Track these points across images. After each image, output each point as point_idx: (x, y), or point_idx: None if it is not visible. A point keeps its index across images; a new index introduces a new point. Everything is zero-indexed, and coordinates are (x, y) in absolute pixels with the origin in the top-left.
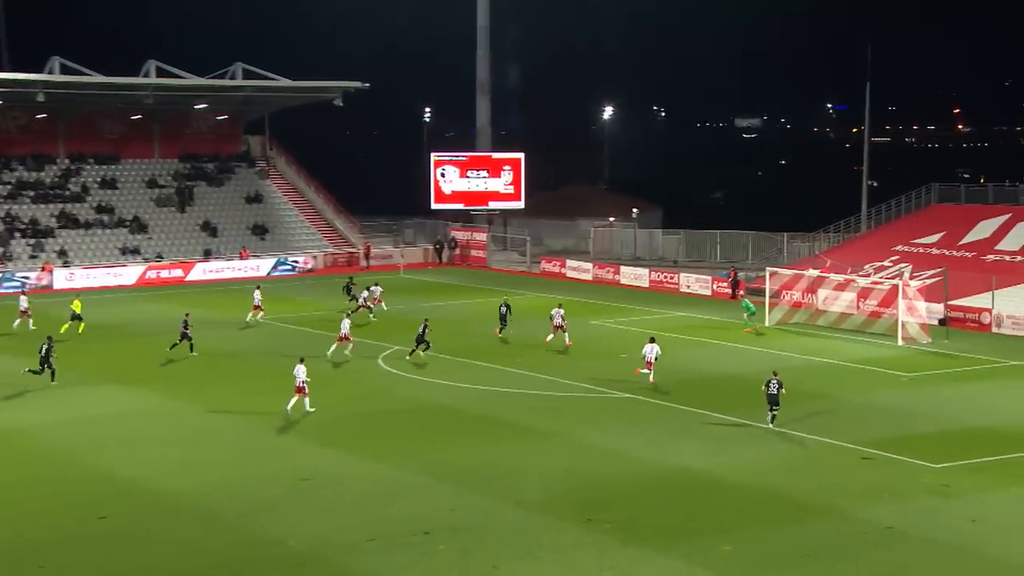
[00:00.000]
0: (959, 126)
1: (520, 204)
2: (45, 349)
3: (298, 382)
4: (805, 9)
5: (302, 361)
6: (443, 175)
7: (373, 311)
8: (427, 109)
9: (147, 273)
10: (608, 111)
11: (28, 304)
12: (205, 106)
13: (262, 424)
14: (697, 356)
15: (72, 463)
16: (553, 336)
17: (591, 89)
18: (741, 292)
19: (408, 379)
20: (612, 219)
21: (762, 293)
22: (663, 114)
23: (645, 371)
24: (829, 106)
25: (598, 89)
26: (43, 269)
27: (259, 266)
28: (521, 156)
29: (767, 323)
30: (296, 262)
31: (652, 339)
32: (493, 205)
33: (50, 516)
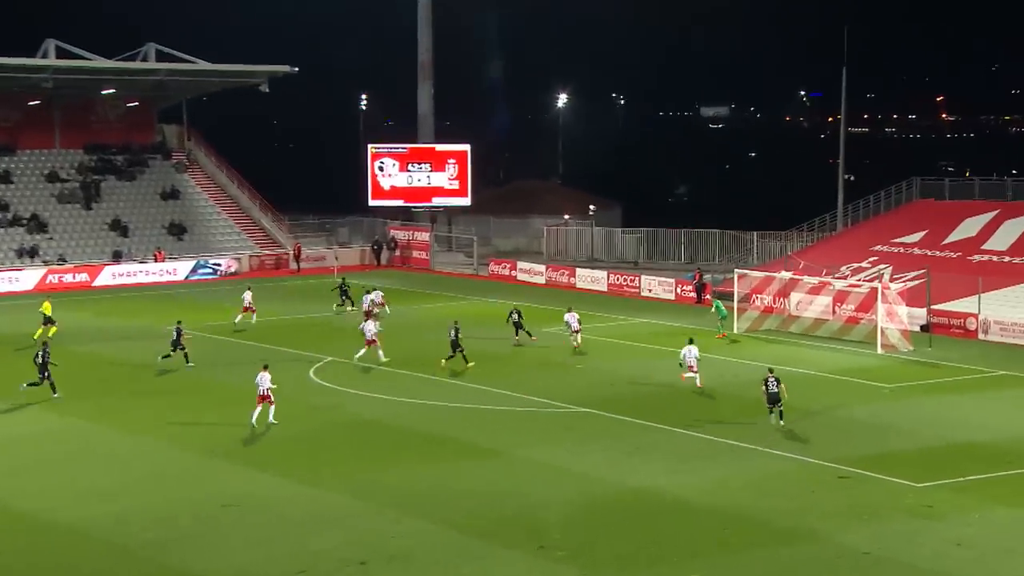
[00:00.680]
0: (943, 115)
1: (466, 200)
2: (41, 356)
3: (261, 390)
4: None
5: (266, 368)
6: (381, 169)
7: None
8: (363, 96)
9: (48, 277)
10: (562, 98)
11: None
12: (113, 91)
13: (184, 444)
14: (659, 366)
15: None
16: (575, 342)
17: (543, 74)
18: (707, 296)
19: (344, 393)
20: (567, 217)
21: (730, 297)
22: (622, 102)
23: (691, 375)
24: (802, 93)
25: (551, 74)
26: None
27: (176, 269)
28: (467, 148)
29: (735, 330)
30: (218, 265)
31: (691, 340)
32: (437, 201)
33: None
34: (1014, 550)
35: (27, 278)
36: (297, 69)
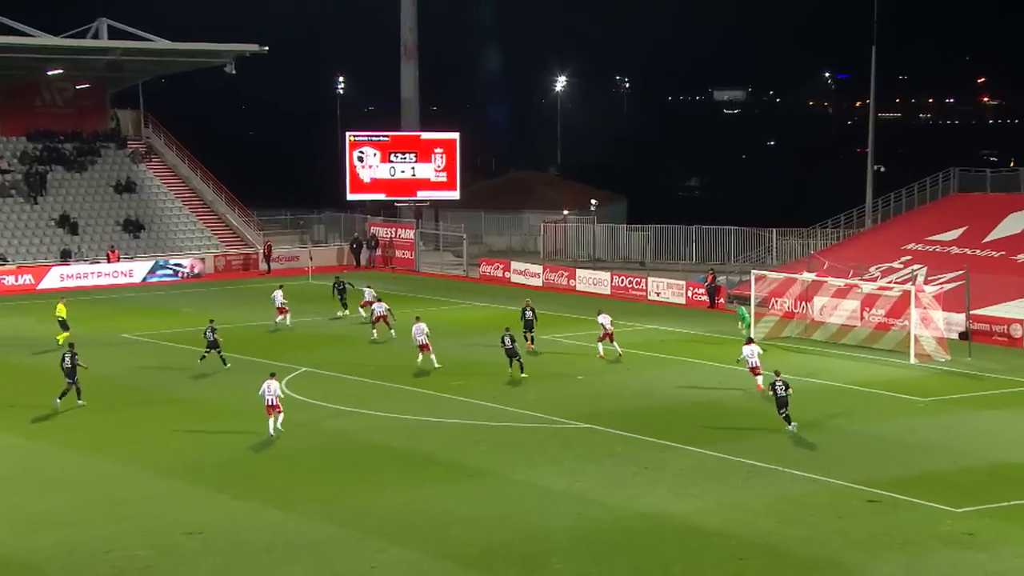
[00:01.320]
0: (984, 98)
1: (455, 194)
2: (70, 359)
3: (269, 400)
4: None
5: (273, 376)
6: (361, 159)
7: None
8: (340, 78)
9: None
10: (560, 81)
11: None
12: (60, 72)
13: (142, 465)
14: (668, 378)
15: None
16: (603, 346)
17: (539, 53)
18: (721, 300)
19: (320, 408)
20: (566, 212)
21: (746, 301)
22: (627, 85)
23: (755, 377)
24: (827, 75)
25: (548, 54)
26: None
27: (132, 271)
28: (456, 136)
29: (752, 336)
30: (179, 266)
31: (750, 340)
32: (422, 195)
33: None
34: None
35: None
36: (267, 48)
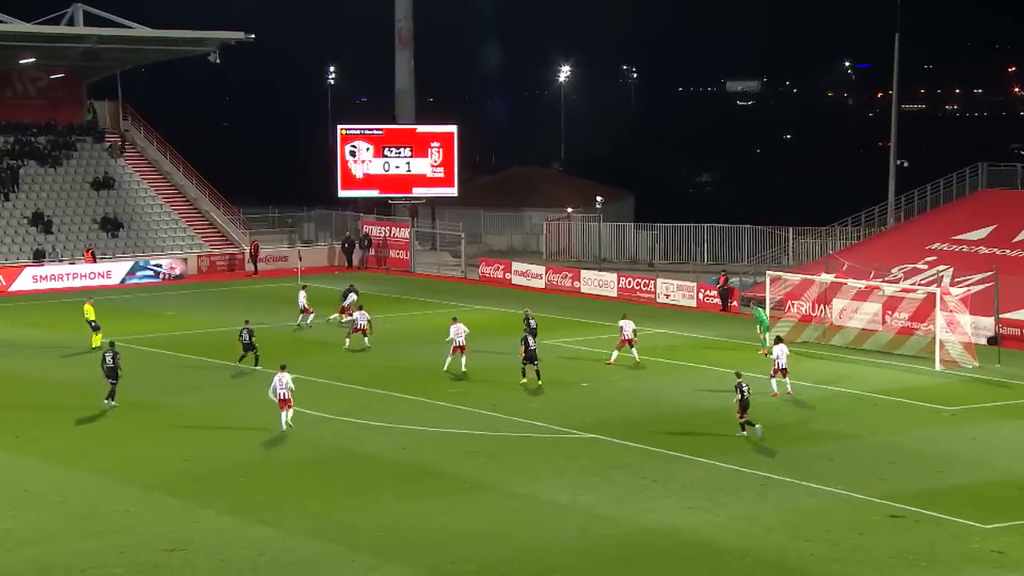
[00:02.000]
0: (1015, 88)
1: (452, 191)
2: (111, 357)
3: (280, 394)
4: None
5: (283, 369)
6: (353, 153)
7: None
8: (331, 68)
9: None
10: (564, 71)
11: None
12: (33, 60)
13: (119, 477)
14: (677, 385)
15: None
16: (618, 353)
17: (543, 43)
18: (734, 302)
19: (308, 416)
20: (570, 210)
21: (763, 303)
22: (634, 75)
23: (782, 380)
24: (847, 64)
25: (552, 43)
26: None
27: (110, 272)
28: (453, 129)
29: (768, 342)
30: (160, 266)
31: (779, 339)
32: (418, 192)
33: None
34: None
35: None
36: (253, 36)
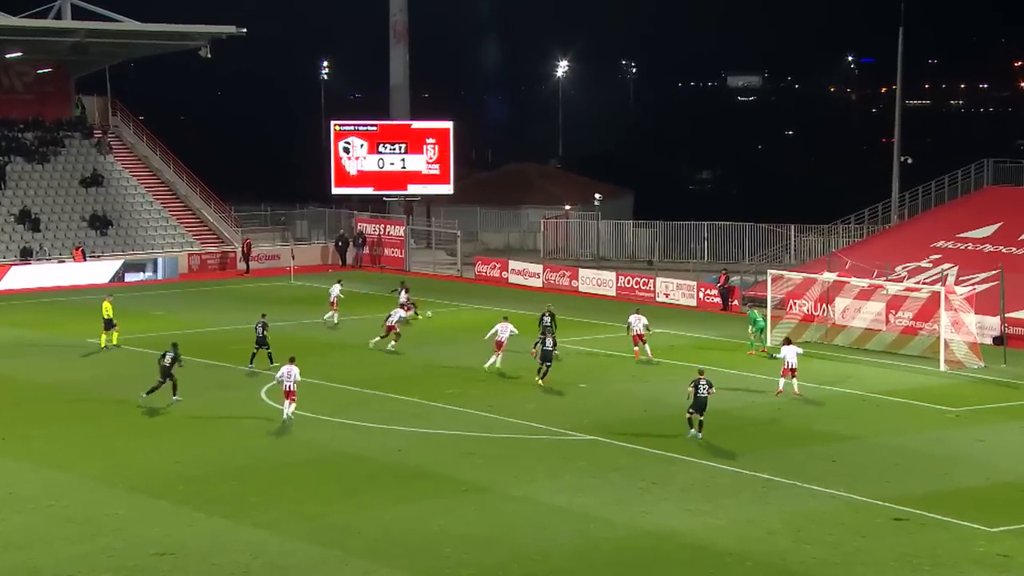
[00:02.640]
0: (1021, 84)
1: (448, 188)
2: (170, 358)
3: (288, 386)
4: None
5: (292, 361)
6: (347, 150)
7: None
8: (324, 63)
9: None
10: (562, 66)
11: None
12: (20, 55)
13: (108, 481)
14: (677, 386)
15: None
16: (638, 348)
17: (541, 37)
18: (735, 301)
19: (302, 418)
20: (568, 208)
21: (763, 303)
22: (634, 70)
23: (790, 380)
24: (850, 59)
25: (550, 37)
26: None
27: (100, 270)
28: (449, 125)
29: (768, 342)
30: (151, 265)
31: (788, 340)
32: (413, 190)
33: None
34: None
35: None
36: (245, 31)
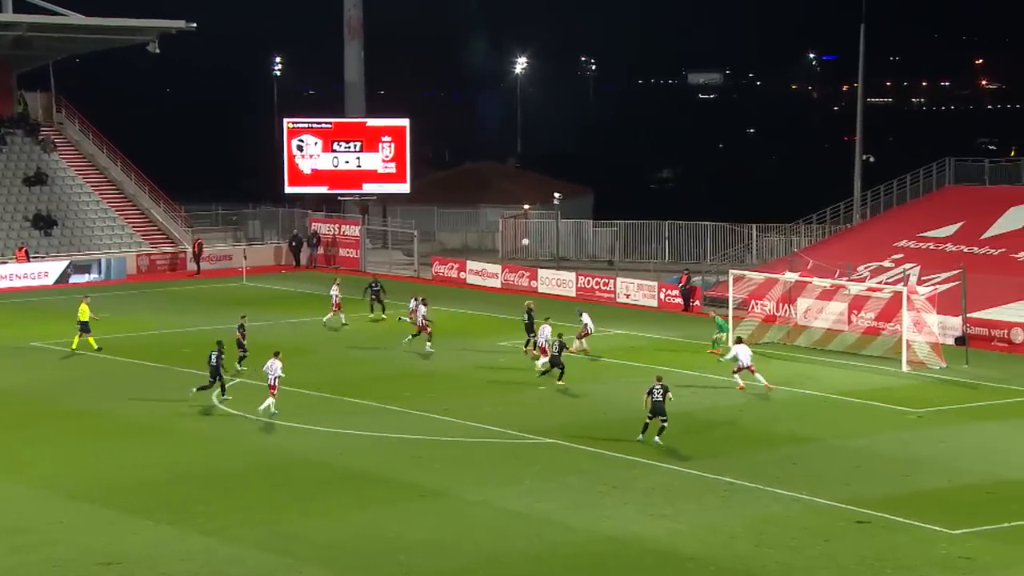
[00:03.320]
0: (983, 82)
1: (405, 187)
2: (216, 357)
3: (271, 380)
4: None
5: (277, 356)
6: (300, 148)
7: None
8: (277, 59)
9: None
10: (521, 63)
11: None
12: None
13: (51, 488)
14: (638, 388)
15: None
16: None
17: (500, 33)
18: (696, 302)
19: (253, 422)
20: (527, 207)
21: (724, 303)
22: (593, 67)
23: (755, 375)
24: (812, 56)
25: (506, 34)
26: None
27: (46, 271)
28: (406, 123)
29: (730, 343)
30: (97, 266)
31: (739, 339)
32: (368, 188)
33: None
34: None
35: None
36: (195, 25)
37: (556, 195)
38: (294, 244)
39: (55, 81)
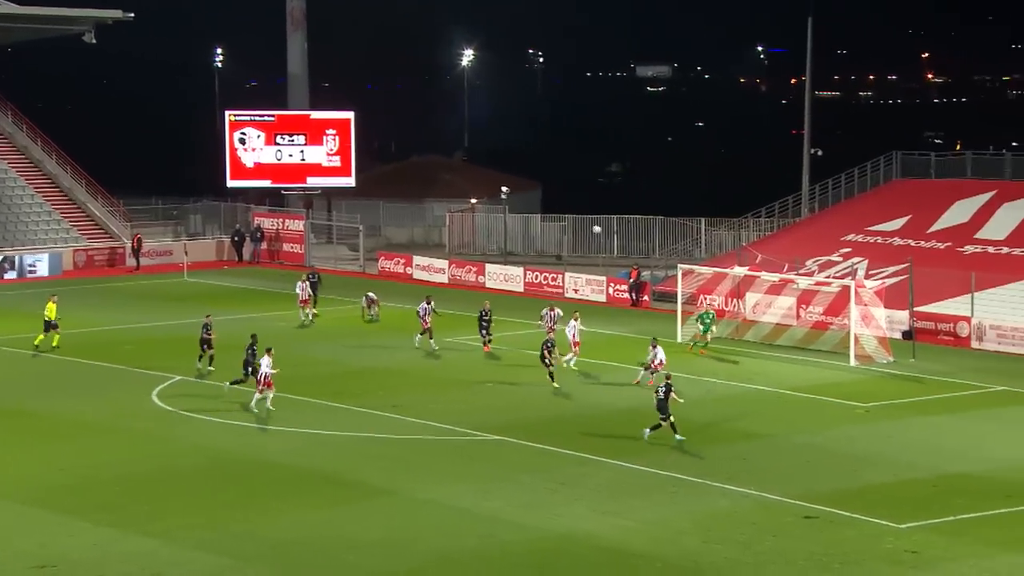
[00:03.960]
0: (929, 75)
1: (350, 181)
2: (252, 352)
3: (263, 375)
4: None
5: (269, 352)
6: (243, 141)
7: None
8: (218, 50)
9: None
10: (468, 55)
11: None
12: None
13: None
14: (587, 384)
15: None
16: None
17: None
18: (645, 297)
19: (196, 421)
20: (474, 201)
21: (673, 299)
22: (541, 59)
23: (661, 375)
24: (759, 49)
25: (455, 26)
26: None
27: None
28: (350, 116)
29: (678, 339)
30: (33, 263)
31: (655, 340)
32: (313, 182)
33: None
34: None
35: None
36: (132, 15)
37: (504, 189)
38: (237, 239)
39: None
